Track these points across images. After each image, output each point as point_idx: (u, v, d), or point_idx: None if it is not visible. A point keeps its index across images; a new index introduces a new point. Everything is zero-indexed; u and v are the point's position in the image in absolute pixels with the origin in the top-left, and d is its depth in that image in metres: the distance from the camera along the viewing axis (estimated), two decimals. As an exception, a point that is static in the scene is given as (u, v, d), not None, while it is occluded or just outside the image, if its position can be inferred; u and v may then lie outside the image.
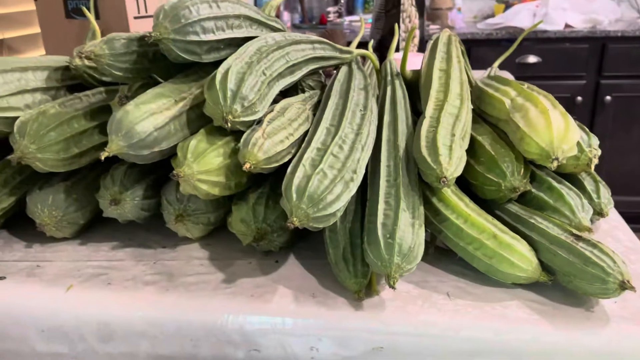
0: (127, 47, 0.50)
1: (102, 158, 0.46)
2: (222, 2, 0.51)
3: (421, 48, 1.28)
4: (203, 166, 0.47)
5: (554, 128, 0.48)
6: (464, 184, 0.53)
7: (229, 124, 0.47)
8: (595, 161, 0.53)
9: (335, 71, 0.65)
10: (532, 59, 2.39)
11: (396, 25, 0.68)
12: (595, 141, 0.55)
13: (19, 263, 0.53)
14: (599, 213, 0.54)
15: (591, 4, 2.56)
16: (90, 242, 0.57)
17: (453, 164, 0.46)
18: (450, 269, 0.49)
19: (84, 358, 0.48)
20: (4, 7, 1.04)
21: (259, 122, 0.50)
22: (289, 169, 0.45)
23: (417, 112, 0.60)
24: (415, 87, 0.64)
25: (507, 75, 1.17)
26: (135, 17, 0.82)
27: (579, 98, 2.39)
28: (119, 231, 0.58)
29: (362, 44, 0.66)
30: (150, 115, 0.47)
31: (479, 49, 2.35)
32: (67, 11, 0.85)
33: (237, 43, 0.53)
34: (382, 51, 1.23)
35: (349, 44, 0.70)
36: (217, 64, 0.53)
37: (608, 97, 2.39)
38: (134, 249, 0.55)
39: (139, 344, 0.47)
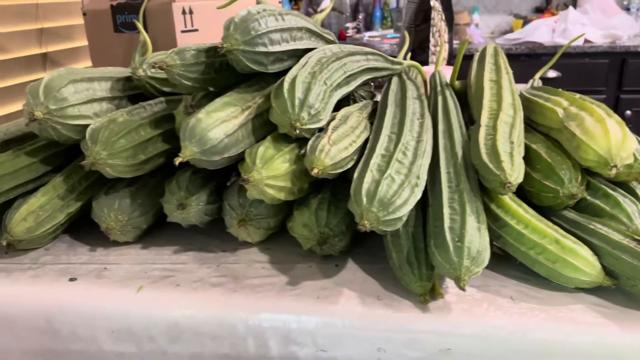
0: (196, 58, 0.52)
1: (177, 163, 0.48)
2: (286, 15, 0.53)
3: (450, 62, 1.30)
4: (271, 171, 0.49)
5: (611, 136, 0.49)
6: (519, 191, 0.54)
7: (297, 131, 0.48)
8: (649, 169, 0.54)
9: (371, 83, 0.67)
10: (551, 73, 2.40)
11: (442, 38, 0.70)
12: (647, 150, 0.56)
13: (86, 265, 0.55)
14: (652, 220, 0.55)
15: (610, 20, 2.57)
16: (152, 246, 0.58)
17: (515, 169, 0.47)
18: (510, 273, 0.50)
19: (151, 358, 0.49)
20: (48, 22, 1.08)
21: (321, 129, 0.52)
22: (355, 175, 0.47)
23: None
24: (463, 98, 0.66)
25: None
26: (182, 31, 0.85)
27: (599, 113, 2.39)
28: (177, 236, 0.60)
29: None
30: (221, 122, 0.49)
31: (499, 64, 2.37)
32: (116, 25, 0.88)
33: (298, 54, 0.55)
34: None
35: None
36: (277, 74, 0.55)
37: (628, 112, 2.39)
38: (195, 253, 0.56)
39: (207, 344, 0.48)
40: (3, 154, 0.57)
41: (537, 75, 0.77)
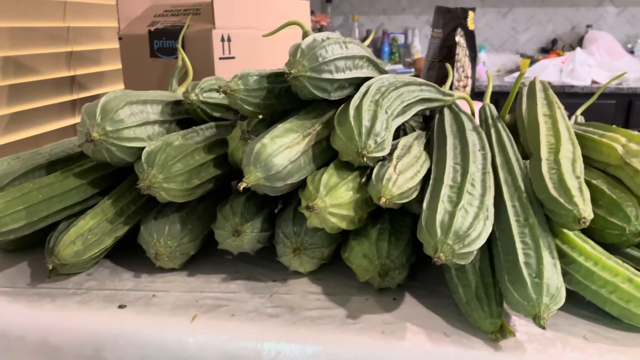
0: (259, 84, 0.52)
1: (241, 189, 0.46)
2: (350, 43, 0.53)
3: (473, 97, 1.31)
4: (335, 199, 0.48)
5: (680, 174, 0.48)
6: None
7: (364, 159, 0.47)
8: None
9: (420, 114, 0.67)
10: (559, 112, 2.43)
11: (488, 72, 0.70)
12: None
13: (133, 292, 0.53)
14: None
15: (615, 62, 2.63)
16: (198, 273, 0.56)
17: (587, 204, 0.46)
18: (577, 312, 0.49)
19: (202, 392, 0.47)
20: (78, 45, 1.08)
21: (384, 158, 0.51)
22: (424, 205, 0.46)
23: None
24: (511, 131, 0.65)
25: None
26: (220, 58, 0.85)
27: (606, 152, 2.41)
28: (222, 264, 0.58)
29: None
30: (285, 148, 0.48)
31: (508, 101, 2.39)
32: (152, 50, 0.88)
33: (357, 82, 0.55)
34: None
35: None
36: (332, 102, 0.55)
37: (635, 152, 2.41)
38: (244, 282, 0.55)
39: (265, 379, 0.46)
40: (52, 175, 0.55)
41: (579, 112, 0.77)
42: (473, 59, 1.29)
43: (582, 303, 0.49)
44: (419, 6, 3.02)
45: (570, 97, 2.42)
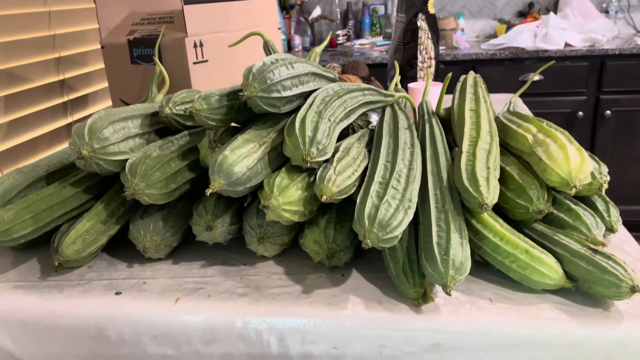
0: (220, 102, 0.61)
1: (208, 194, 0.57)
2: (295, 64, 0.62)
3: (437, 77, 1.40)
4: (287, 198, 0.58)
5: (571, 161, 0.58)
6: (496, 206, 0.63)
7: (308, 164, 0.57)
8: (605, 186, 0.64)
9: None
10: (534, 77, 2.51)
11: (429, 71, 0.79)
12: (604, 169, 0.65)
13: (127, 280, 0.63)
14: (609, 229, 0.64)
15: (589, 23, 2.69)
16: (182, 261, 0.67)
17: (491, 192, 0.56)
18: (489, 278, 0.60)
19: (187, 359, 0.58)
20: (65, 50, 1.16)
21: (327, 160, 0.61)
22: (358, 200, 0.56)
23: (448, 145, 0.70)
24: (447, 123, 0.75)
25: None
26: (194, 63, 0.93)
27: (580, 113, 2.50)
28: (202, 252, 0.69)
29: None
30: (243, 158, 0.58)
31: (484, 69, 2.47)
32: (132, 58, 0.97)
33: (305, 95, 0.64)
34: (400, 79, 1.35)
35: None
36: (288, 112, 0.64)
37: (608, 112, 2.50)
38: (220, 267, 0.65)
39: (237, 345, 0.57)
40: (52, 186, 0.65)
41: (513, 99, 0.86)
42: (435, 41, 1.37)
43: (492, 271, 0.60)
44: (397, -24, 3.06)
45: (544, 61, 2.50)
